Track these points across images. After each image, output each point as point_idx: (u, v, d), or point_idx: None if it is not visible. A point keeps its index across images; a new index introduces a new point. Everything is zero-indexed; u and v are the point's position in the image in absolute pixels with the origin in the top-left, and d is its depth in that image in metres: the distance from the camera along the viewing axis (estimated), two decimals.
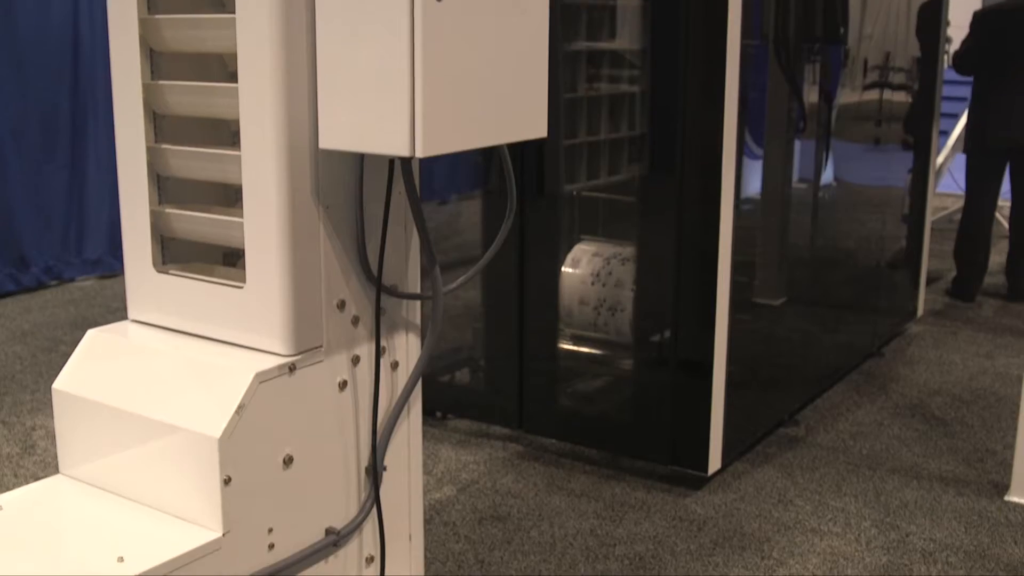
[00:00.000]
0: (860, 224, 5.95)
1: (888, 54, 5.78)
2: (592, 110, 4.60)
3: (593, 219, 4.93)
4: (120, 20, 2.46)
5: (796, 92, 4.76)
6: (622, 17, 4.48)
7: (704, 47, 4.01)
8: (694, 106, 4.07)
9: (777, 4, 4.43)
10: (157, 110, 2.49)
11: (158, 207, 2.51)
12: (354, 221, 2.41)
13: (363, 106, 2.15)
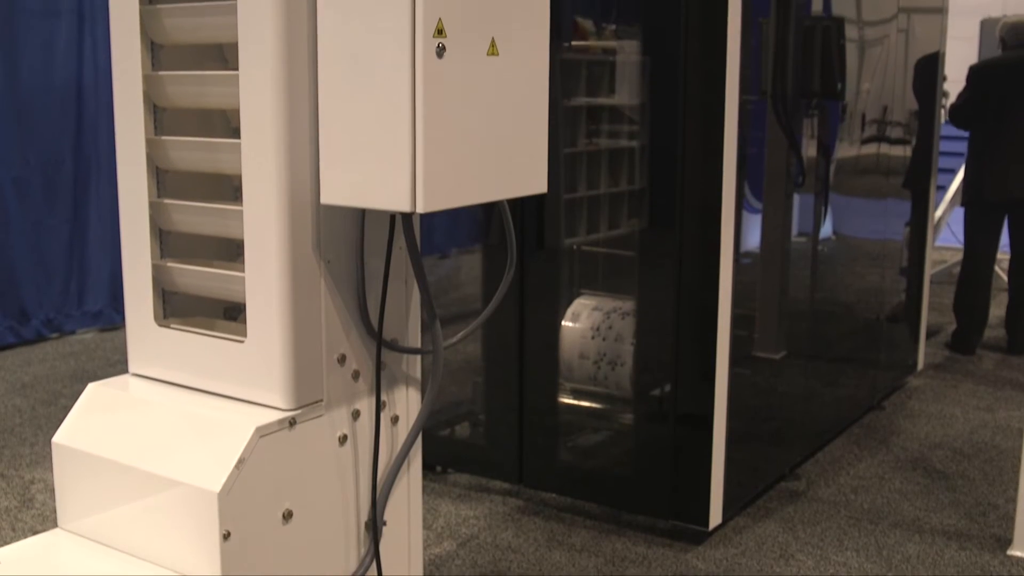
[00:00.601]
0: (859, 277, 5.96)
1: (886, 108, 5.82)
2: (592, 164, 4.63)
3: (593, 273, 4.95)
4: (125, 76, 2.49)
5: (794, 146, 4.79)
6: (621, 73, 4.52)
7: (702, 102, 4.04)
8: (693, 161, 4.10)
9: (775, 60, 4.47)
10: (160, 165, 2.51)
11: (160, 261, 2.53)
12: (355, 275, 2.42)
13: (364, 162, 2.17)
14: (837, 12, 5.04)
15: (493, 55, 2.21)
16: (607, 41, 4.56)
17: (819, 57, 4.87)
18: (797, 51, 4.61)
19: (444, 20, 2.08)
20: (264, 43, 2.21)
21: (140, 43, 2.45)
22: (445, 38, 2.08)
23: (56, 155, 7.41)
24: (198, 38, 2.47)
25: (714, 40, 3.95)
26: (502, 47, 2.23)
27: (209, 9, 2.40)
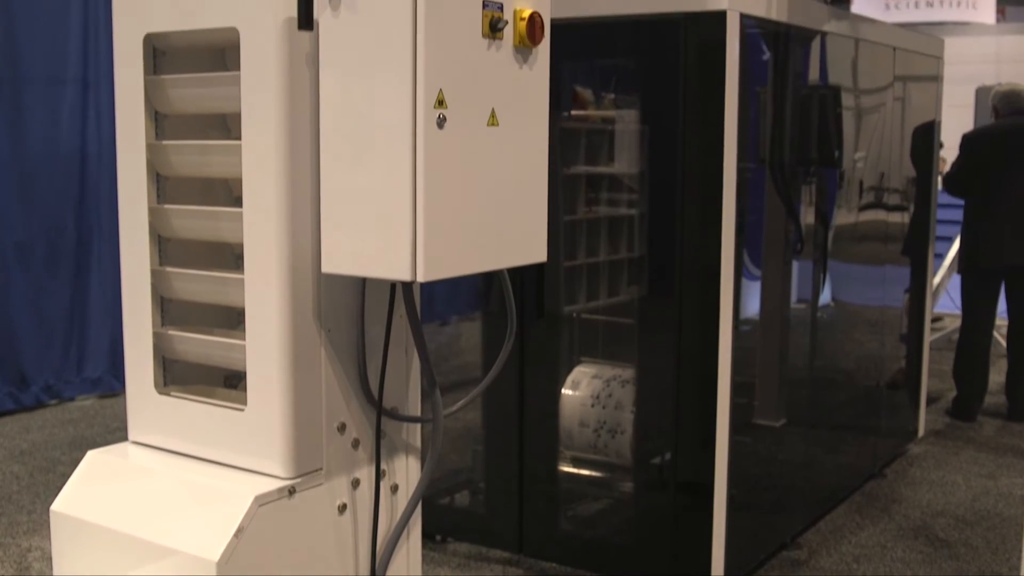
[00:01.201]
0: (859, 344, 5.96)
1: (883, 175, 5.85)
2: (592, 232, 4.65)
3: (593, 341, 4.95)
4: (128, 144, 2.51)
5: (793, 214, 4.82)
6: (620, 141, 4.55)
7: (701, 171, 4.07)
8: (692, 228, 4.12)
9: (773, 129, 4.51)
10: (162, 233, 2.53)
11: (161, 329, 2.54)
12: (355, 344, 2.43)
13: (365, 231, 2.18)
14: (834, 81, 5.09)
15: (493, 125, 2.23)
16: (606, 110, 4.60)
17: (816, 125, 4.91)
18: (794, 120, 4.65)
19: (445, 91, 2.11)
20: (267, 113, 2.23)
21: (144, 112, 2.48)
22: (446, 109, 2.11)
23: (59, 221, 7.44)
24: (202, 108, 2.50)
25: (712, 109, 3.99)
26: (502, 117, 2.26)
27: (213, 80, 2.43)
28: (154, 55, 2.49)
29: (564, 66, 4.39)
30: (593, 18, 4.18)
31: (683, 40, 3.99)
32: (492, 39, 2.22)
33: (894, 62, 5.69)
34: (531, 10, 2.29)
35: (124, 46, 2.50)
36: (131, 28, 2.47)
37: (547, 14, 2.36)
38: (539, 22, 2.31)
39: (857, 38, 5.19)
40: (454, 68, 2.13)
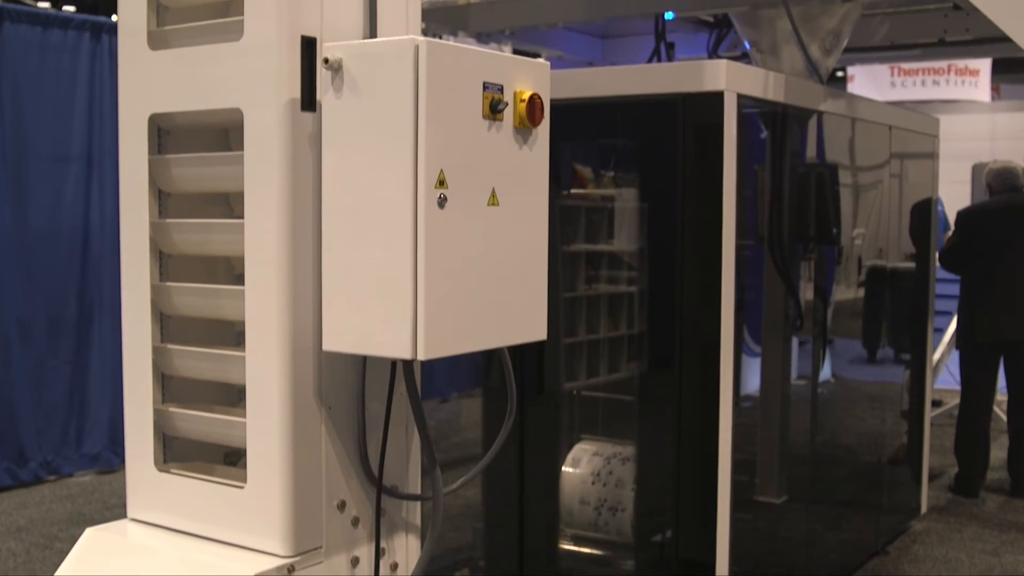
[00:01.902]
0: (860, 420, 5.95)
1: (882, 252, 5.88)
2: (591, 309, 4.67)
3: (593, 418, 4.94)
4: (132, 222, 2.54)
5: (792, 290, 4.84)
6: (620, 219, 4.58)
7: (700, 248, 4.09)
8: (692, 305, 4.13)
9: (771, 206, 4.54)
10: (164, 310, 2.54)
11: (161, 405, 2.54)
12: (355, 421, 2.43)
13: (366, 309, 2.20)
14: (831, 159, 5.14)
15: (493, 205, 2.26)
16: (606, 188, 4.64)
17: (814, 203, 4.95)
18: (793, 197, 4.69)
19: (445, 171, 2.14)
20: (269, 192, 2.26)
21: (148, 191, 2.51)
22: (446, 189, 2.14)
23: (60, 296, 7.47)
24: (205, 187, 2.53)
25: (711, 187, 4.02)
26: (503, 197, 2.28)
27: (216, 159, 2.46)
28: (158, 134, 2.53)
29: (564, 145, 4.44)
30: (593, 98, 4.23)
31: (681, 120, 4.03)
32: (492, 120, 2.25)
33: (890, 140, 5.75)
34: (531, 92, 2.33)
35: (129, 125, 2.53)
36: (136, 108, 2.51)
37: (547, 95, 2.40)
38: (539, 104, 2.34)
39: (853, 117, 5.24)
40: (455, 149, 2.16)
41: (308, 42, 2.28)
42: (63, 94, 7.41)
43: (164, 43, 2.49)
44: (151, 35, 2.50)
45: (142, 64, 2.50)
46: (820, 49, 4.85)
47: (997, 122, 19.15)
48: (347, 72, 2.21)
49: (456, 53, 2.20)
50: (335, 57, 2.22)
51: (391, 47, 2.16)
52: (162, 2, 2.53)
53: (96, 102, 7.54)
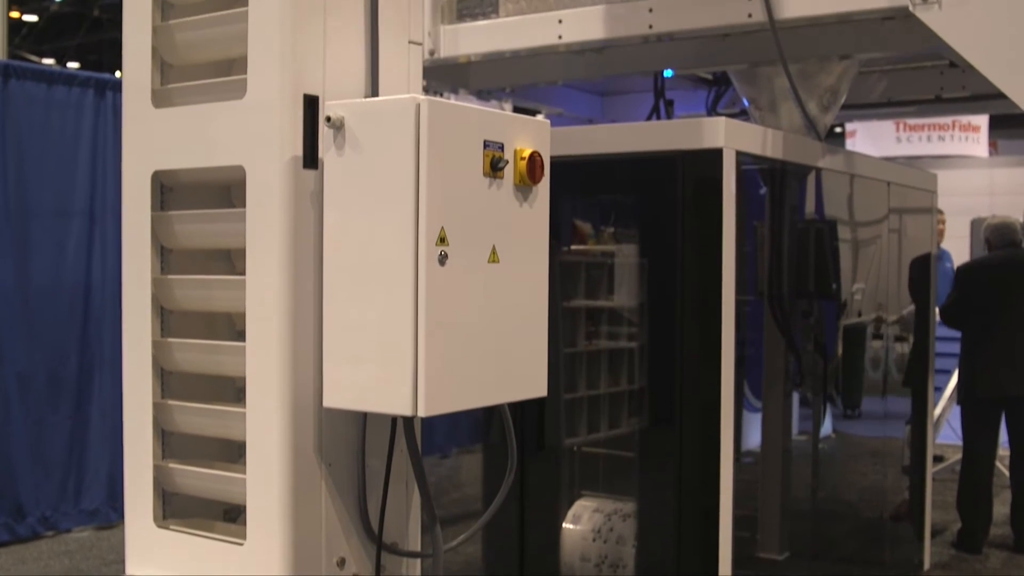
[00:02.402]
0: (861, 476, 5.93)
1: (881, 306, 5.89)
2: (592, 364, 4.67)
3: (594, 474, 4.92)
4: (134, 278, 2.55)
5: (792, 345, 4.84)
6: (620, 274, 4.60)
7: (700, 303, 4.10)
8: (692, 360, 4.13)
9: (770, 262, 4.56)
10: (165, 366, 2.54)
11: (161, 462, 2.54)
12: (355, 478, 2.43)
13: (367, 366, 2.20)
14: (830, 214, 5.16)
15: (494, 262, 2.27)
16: (606, 244, 4.66)
17: (814, 258, 4.97)
18: (792, 253, 4.70)
19: (446, 228, 2.15)
20: (271, 249, 2.27)
21: (150, 247, 2.52)
22: (447, 246, 2.15)
23: (61, 352, 7.46)
24: (207, 243, 2.54)
25: (710, 243, 4.04)
26: (503, 254, 2.29)
27: (218, 216, 2.48)
28: (161, 191, 2.55)
29: (564, 201, 4.46)
30: (593, 155, 4.26)
31: (681, 176, 4.06)
32: (493, 178, 2.27)
33: (888, 196, 5.78)
34: (531, 150, 2.35)
35: (132, 182, 2.55)
36: (140, 165, 2.53)
37: (547, 153, 2.42)
38: (539, 161, 2.36)
39: (852, 173, 5.27)
40: (455, 206, 2.18)
41: (311, 100, 2.31)
42: (67, 150, 7.45)
43: (168, 101, 2.52)
44: (155, 93, 2.53)
45: (146, 122, 2.52)
46: (818, 106, 4.89)
47: (995, 177, 19.24)
48: (349, 130, 2.23)
49: (457, 112, 2.22)
50: (337, 115, 2.24)
51: (393, 106, 2.19)
52: (166, 60, 2.56)
53: (99, 158, 7.58)
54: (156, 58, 2.54)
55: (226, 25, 2.44)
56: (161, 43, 2.54)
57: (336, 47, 2.37)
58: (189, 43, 2.53)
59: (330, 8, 2.36)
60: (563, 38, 4.51)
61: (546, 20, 4.55)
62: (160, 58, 2.55)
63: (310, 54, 2.32)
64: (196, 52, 2.55)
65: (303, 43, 2.31)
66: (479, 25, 4.73)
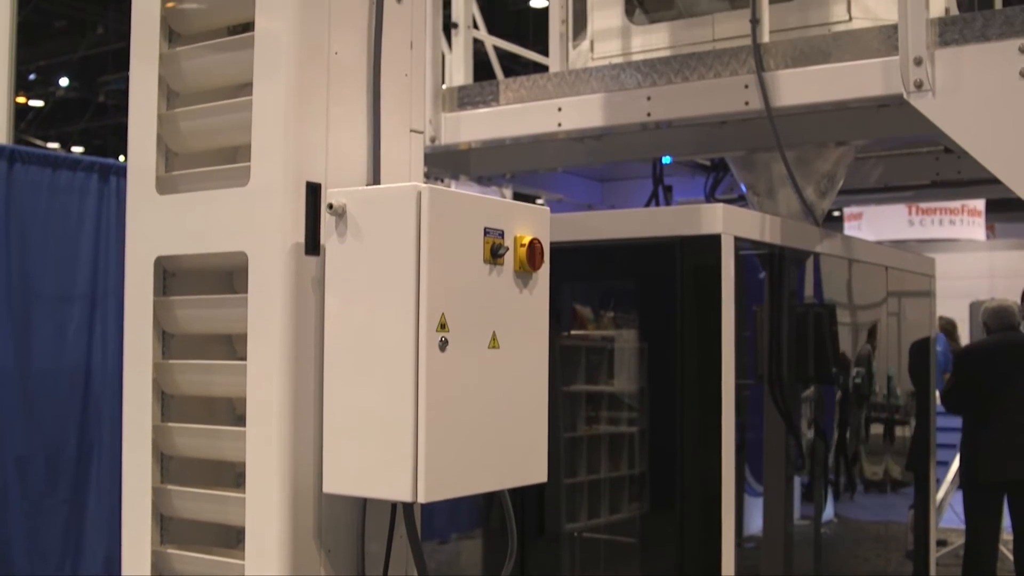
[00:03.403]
0: (864, 561, 5.88)
1: (882, 391, 5.89)
2: (592, 449, 4.65)
3: (594, 559, 4.88)
4: (135, 362, 2.56)
5: (792, 430, 4.83)
6: (620, 359, 4.60)
7: (700, 388, 4.10)
8: (692, 445, 4.12)
9: (770, 346, 4.57)
10: (164, 450, 2.54)
11: (160, 547, 2.53)
12: (355, 563, 2.41)
13: (367, 451, 2.20)
14: (829, 297, 5.19)
15: (494, 348, 2.28)
16: (606, 328, 4.67)
17: (813, 342, 4.98)
18: (792, 337, 4.71)
19: (447, 315, 2.17)
20: (272, 335, 2.28)
21: (152, 332, 2.53)
22: (448, 332, 2.16)
23: (60, 436, 7.41)
24: (209, 329, 2.56)
25: (709, 327, 4.05)
26: (503, 340, 2.31)
27: (220, 302, 2.50)
28: (164, 276, 2.56)
29: (564, 286, 4.48)
30: (593, 241, 4.29)
31: (680, 262, 4.08)
32: (493, 265, 2.29)
33: (887, 280, 5.81)
34: (531, 237, 2.37)
35: (135, 267, 2.57)
36: (143, 251, 2.55)
37: (547, 240, 2.44)
38: (539, 248, 2.39)
39: (850, 258, 5.31)
40: (456, 293, 2.20)
41: (313, 188, 2.34)
42: (69, 233, 7.48)
43: (172, 188, 2.55)
44: (159, 180, 2.56)
45: (150, 208, 2.55)
46: (815, 191, 4.94)
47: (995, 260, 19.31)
48: (351, 217, 2.25)
49: (457, 200, 2.25)
50: (339, 203, 2.27)
51: (394, 194, 2.22)
52: (171, 148, 2.60)
53: (102, 242, 7.61)
54: (161, 145, 2.58)
55: (230, 113, 2.48)
56: (166, 131, 2.58)
57: (338, 135, 2.41)
58: (193, 131, 2.57)
59: (333, 97, 2.40)
60: (563, 125, 4.57)
61: (546, 108, 4.61)
62: (165, 145, 2.59)
63: (313, 142, 2.36)
64: (200, 140, 2.59)
65: (306, 131, 2.34)
66: (480, 113, 4.80)
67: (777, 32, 4.33)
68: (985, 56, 3.75)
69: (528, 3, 13.48)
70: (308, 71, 2.36)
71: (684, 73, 4.29)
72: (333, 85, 2.41)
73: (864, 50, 4.01)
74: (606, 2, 5.03)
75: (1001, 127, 3.77)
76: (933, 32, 3.81)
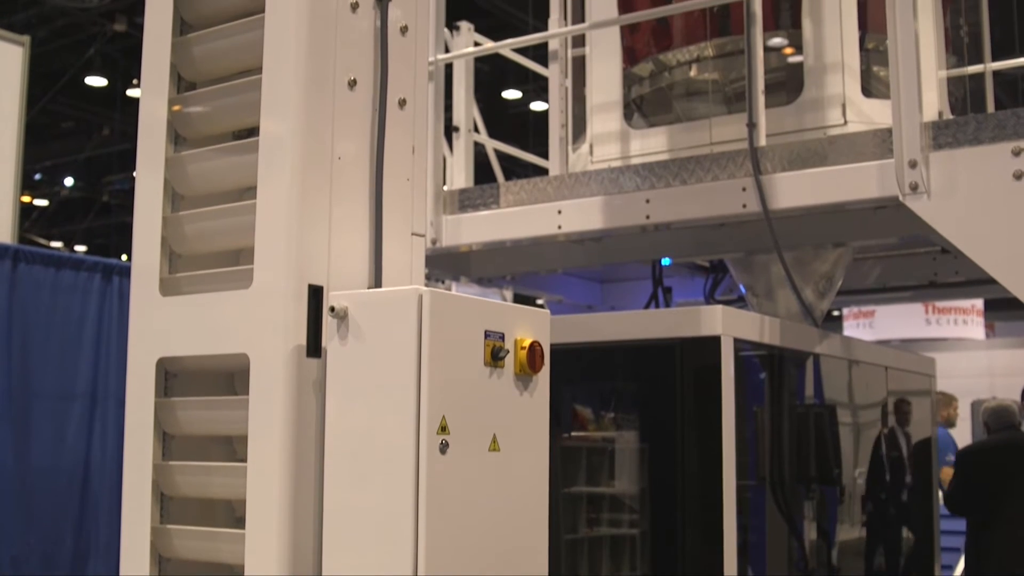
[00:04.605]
0: None
1: (885, 492, 5.85)
2: (593, 551, 4.61)
3: None
4: (135, 463, 2.56)
5: (795, 531, 4.79)
6: (620, 460, 4.59)
7: (701, 489, 4.08)
8: (694, 547, 4.09)
9: (771, 447, 4.56)
10: (163, 553, 2.54)
11: None
12: None
13: (367, 555, 2.20)
14: (829, 397, 5.18)
15: (495, 451, 2.28)
16: (606, 429, 4.66)
17: (814, 443, 4.96)
18: (792, 437, 4.70)
19: (447, 418, 2.17)
20: (273, 437, 2.29)
21: (152, 433, 2.53)
22: (448, 435, 2.17)
23: (57, 534, 7.37)
24: (210, 430, 2.56)
25: (710, 428, 4.05)
26: (503, 443, 2.31)
27: (222, 404, 2.51)
28: (165, 378, 2.57)
29: (565, 387, 4.49)
30: (593, 343, 4.31)
31: (680, 363, 4.10)
32: (494, 367, 2.30)
33: (887, 380, 5.81)
34: (531, 339, 2.39)
35: (137, 369, 2.58)
36: (145, 352, 2.56)
37: (547, 342, 2.46)
38: (539, 351, 2.40)
39: (850, 359, 5.31)
40: (457, 396, 2.21)
41: (315, 290, 2.36)
42: (71, 333, 7.51)
43: (175, 289, 2.57)
44: (163, 282, 2.58)
45: (153, 309, 2.57)
46: (814, 292, 4.96)
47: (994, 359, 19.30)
48: (352, 320, 2.27)
49: (458, 303, 2.27)
50: (341, 305, 2.29)
51: (396, 297, 2.24)
52: (175, 250, 2.63)
53: (103, 341, 7.63)
54: (165, 247, 2.61)
55: (234, 216, 2.51)
56: (170, 233, 2.61)
57: (341, 238, 2.43)
58: (197, 233, 2.60)
59: (336, 200, 2.43)
60: (563, 228, 4.62)
61: (546, 211, 4.66)
62: (169, 247, 2.62)
63: (316, 245, 2.38)
64: (204, 242, 2.62)
65: (309, 234, 2.37)
66: (481, 215, 4.84)
67: (774, 136, 4.40)
68: (979, 159, 3.80)
69: (528, 106, 13.67)
70: (312, 175, 2.40)
71: (682, 176, 4.34)
72: (336, 189, 2.44)
73: (860, 153, 4.07)
74: (605, 107, 5.11)
75: (996, 228, 3.81)
76: (927, 135, 3.87)
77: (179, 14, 2.69)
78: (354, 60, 2.51)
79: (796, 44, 4.81)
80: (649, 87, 5.16)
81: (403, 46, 2.62)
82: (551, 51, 5.48)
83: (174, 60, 2.66)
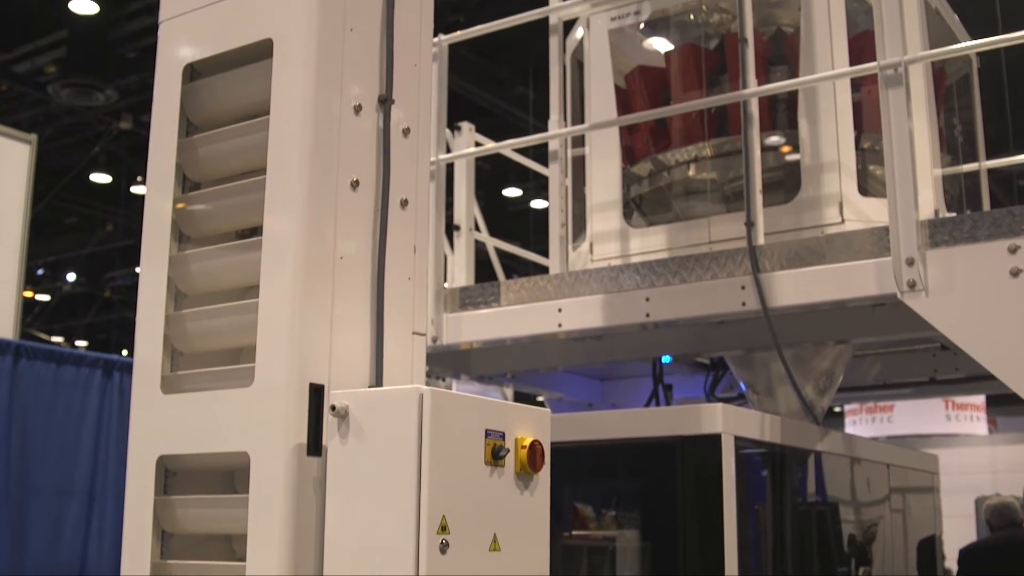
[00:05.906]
0: None
1: None
2: None
3: None
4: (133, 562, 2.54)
5: None
6: (622, 558, 4.54)
7: None
8: None
9: (773, 544, 4.52)
10: None
11: None
12: None
13: None
14: (831, 495, 5.15)
15: (495, 551, 2.27)
16: (607, 528, 4.63)
17: (816, 541, 4.92)
18: (795, 535, 4.67)
19: (448, 517, 2.17)
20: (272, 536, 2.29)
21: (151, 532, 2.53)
22: (448, 534, 2.16)
23: None
24: (208, 529, 2.55)
25: (711, 526, 4.02)
26: (504, 542, 2.30)
27: (221, 502, 2.50)
28: (165, 475, 2.57)
29: (565, 485, 4.46)
30: (593, 441, 4.30)
31: (680, 461, 4.09)
32: (494, 467, 2.30)
33: (889, 477, 5.78)
34: (532, 438, 2.39)
35: (137, 466, 2.58)
36: (146, 449, 2.56)
37: (547, 441, 2.46)
38: (540, 450, 2.40)
39: (851, 456, 5.29)
40: (457, 495, 2.20)
41: (316, 389, 2.37)
42: (71, 428, 7.49)
43: (177, 387, 2.58)
44: (164, 379, 2.59)
45: (154, 407, 2.58)
46: (814, 389, 4.96)
47: (996, 455, 19.21)
48: (353, 419, 2.28)
49: (459, 402, 2.28)
50: (342, 404, 2.30)
51: (397, 396, 2.24)
52: (177, 347, 2.64)
53: (103, 437, 7.61)
54: (167, 345, 2.62)
55: (236, 315, 2.53)
56: (173, 331, 2.63)
57: (342, 337, 2.45)
58: (200, 332, 2.61)
59: (338, 299, 2.45)
60: (563, 326, 4.63)
61: (546, 309, 4.67)
62: (171, 345, 2.63)
63: (317, 344, 2.40)
64: (206, 340, 2.63)
65: (310, 333, 2.39)
66: (481, 314, 4.86)
67: (772, 234, 4.43)
68: (976, 256, 3.83)
69: (529, 204, 13.77)
70: (314, 274, 2.42)
71: (682, 274, 4.37)
72: (338, 288, 2.46)
73: (857, 251, 4.09)
74: (605, 205, 5.16)
75: (994, 325, 3.82)
76: (924, 234, 3.90)
77: (185, 115, 2.74)
78: (357, 161, 2.55)
79: (793, 143, 4.87)
80: (648, 186, 5.21)
81: (405, 147, 2.66)
82: (551, 151, 5.54)
83: (179, 160, 2.71)
